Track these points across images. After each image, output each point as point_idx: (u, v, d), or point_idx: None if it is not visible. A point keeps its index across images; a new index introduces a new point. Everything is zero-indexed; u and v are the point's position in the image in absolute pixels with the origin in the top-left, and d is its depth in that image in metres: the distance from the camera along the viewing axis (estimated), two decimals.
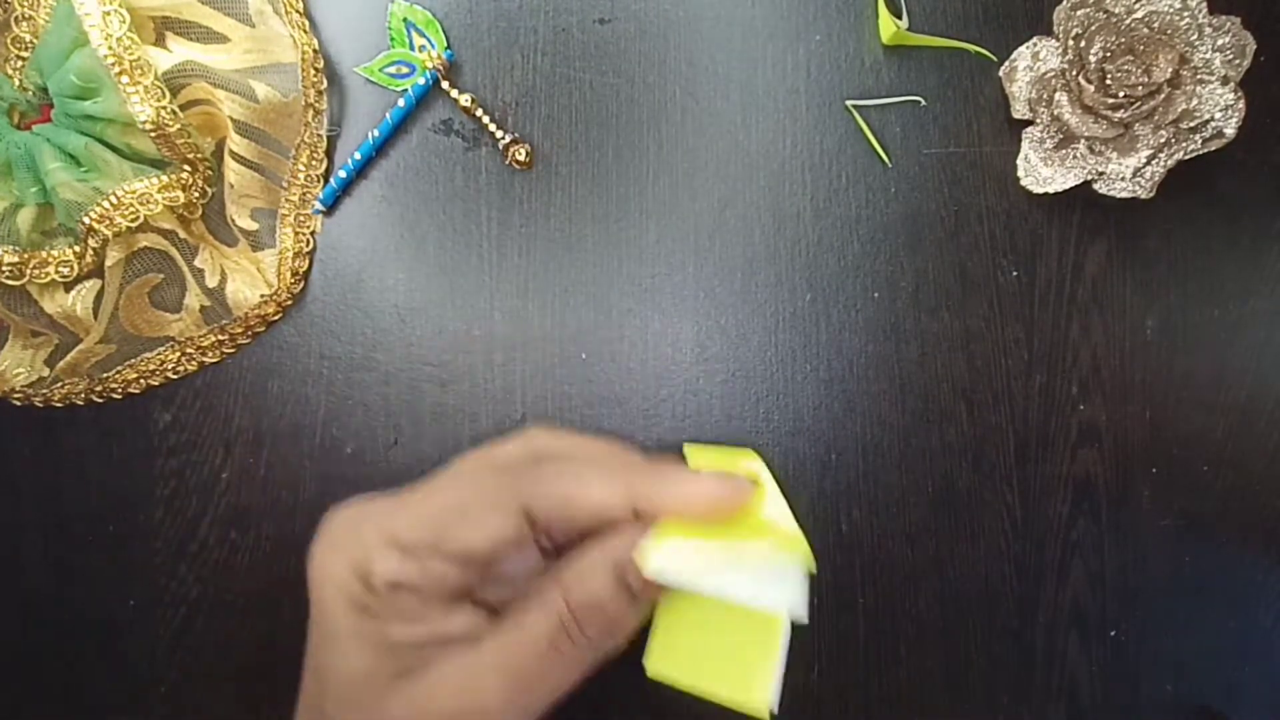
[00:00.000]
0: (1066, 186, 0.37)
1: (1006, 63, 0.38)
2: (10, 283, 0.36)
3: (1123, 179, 0.37)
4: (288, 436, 0.40)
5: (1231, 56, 0.36)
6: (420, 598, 0.26)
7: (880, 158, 0.39)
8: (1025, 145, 0.38)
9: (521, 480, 0.27)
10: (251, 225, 0.39)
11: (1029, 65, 0.38)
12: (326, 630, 0.27)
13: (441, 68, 0.39)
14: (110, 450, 0.40)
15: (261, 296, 0.39)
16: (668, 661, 0.27)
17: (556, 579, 0.27)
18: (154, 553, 0.40)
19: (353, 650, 0.26)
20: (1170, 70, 0.35)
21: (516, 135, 0.39)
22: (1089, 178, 0.37)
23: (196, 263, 0.39)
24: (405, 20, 0.39)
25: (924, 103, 0.39)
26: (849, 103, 0.39)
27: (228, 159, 0.37)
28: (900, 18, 0.38)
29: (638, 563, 0.25)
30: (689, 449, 0.29)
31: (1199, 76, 0.36)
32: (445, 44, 0.39)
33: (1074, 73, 0.36)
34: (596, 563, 0.27)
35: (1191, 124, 0.36)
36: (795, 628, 0.26)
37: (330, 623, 0.26)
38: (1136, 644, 0.39)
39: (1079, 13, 0.36)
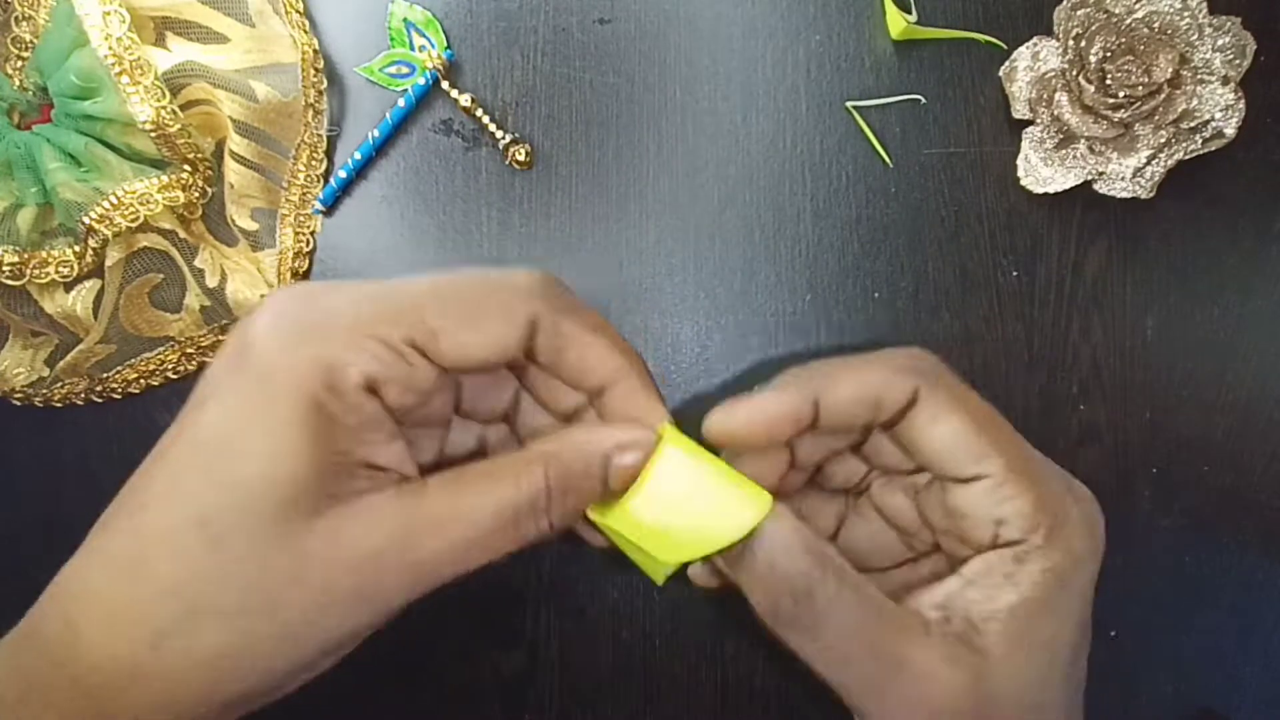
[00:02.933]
0: (1066, 186, 0.37)
1: (1006, 63, 0.38)
2: (10, 283, 0.36)
3: (1123, 179, 0.37)
4: None
5: (1231, 56, 0.36)
6: (381, 408, 0.23)
7: (881, 158, 0.39)
8: (1025, 145, 0.38)
9: (532, 301, 0.24)
10: (251, 225, 0.39)
11: (1029, 65, 0.38)
12: (259, 425, 0.22)
13: (441, 68, 0.39)
14: (110, 450, 0.40)
15: (261, 296, 0.39)
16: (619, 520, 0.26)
17: (540, 451, 0.25)
18: None
19: (288, 457, 0.21)
20: (1170, 70, 0.35)
21: (516, 135, 0.39)
22: (1089, 178, 0.37)
23: (196, 263, 0.39)
24: (405, 20, 0.39)
25: (924, 101, 0.39)
26: (849, 104, 0.39)
27: (228, 159, 0.37)
28: (909, 12, 0.38)
29: (662, 437, 0.26)
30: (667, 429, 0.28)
31: (1199, 76, 0.36)
32: (445, 44, 0.39)
33: (1074, 73, 0.36)
34: (589, 445, 0.25)
35: (1191, 124, 0.36)
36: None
37: (270, 417, 0.22)
38: (1136, 644, 0.39)
39: (1079, 13, 0.36)
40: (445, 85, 0.39)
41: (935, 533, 0.30)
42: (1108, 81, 0.36)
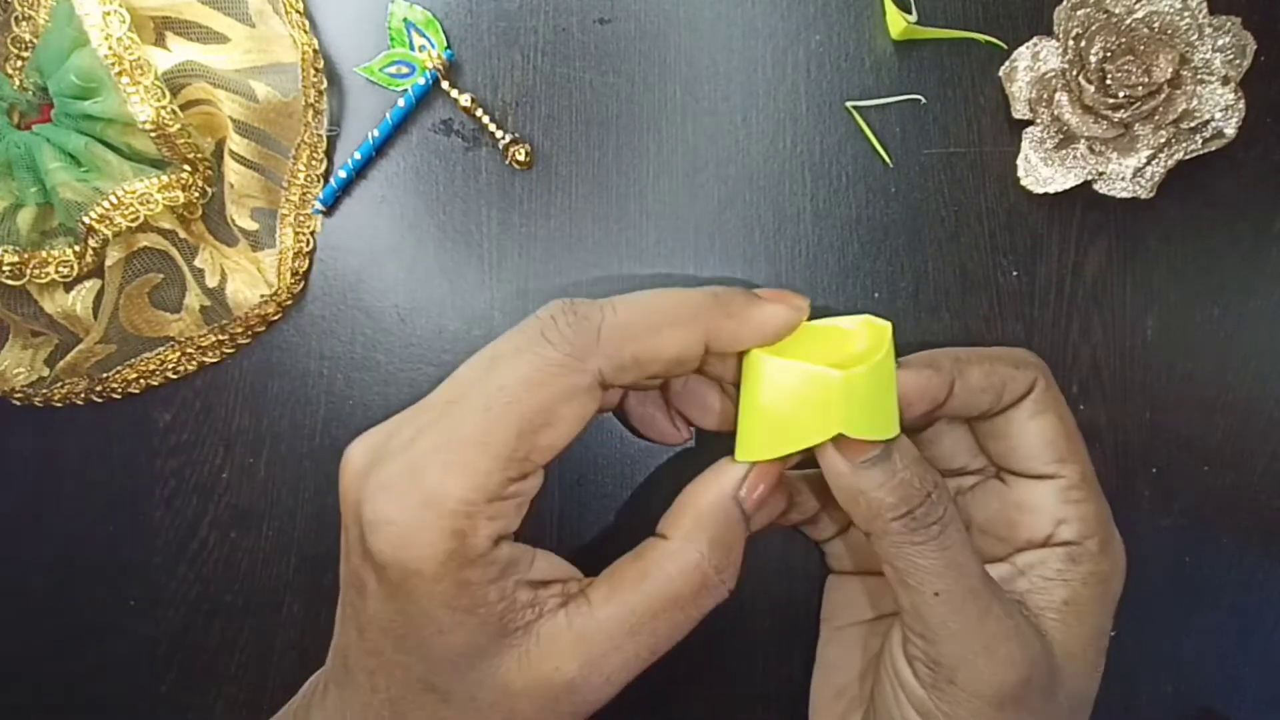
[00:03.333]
0: (1066, 186, 0.37)
1: (1007, 63, 0.38)
2: (10, 283, 0.36)
3: (1123, 179, 0.37)
4: (288, 436, 0.40)
5: (1231, 56, 0.36)
6: (512, 542, 0.25)
7: (881, 158, 0.39)
8: (1025, 145, 0.38)
9: (590, 355, 0.25)
10: (251, 225, 0.39)
11: (1029, 65, 0.38)
12: (417, 611, 0.24)
13: (441, 68, 0.39)
14: (110, 450, 0.40)
15: (261, 296, 0.39)
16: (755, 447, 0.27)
17: (674, 524, 0.26)
18: (154, 553, 0.40)
19: (456, 631, 0.23)
20: (1170, 70, 0.35)
21: (516, 135, 0.39)
22: (1089, 178, 0.37)
23: (196, 263, 0.39)
24: (405, 20, 0.39)
25: (924, 101, 0.39)
26: (849, 104, 0.39)
27: (228, 159, 0.37)
28: (909, 12, 0.38)
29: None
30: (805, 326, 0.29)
31: (1199, 76, 0.36)
32: (445, 44, 0.39)
33: (1074, 73, 0.36)
34: (715, 497, 0.26)
35: (1191, 124, 0.36)
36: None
37: (423, 604, 0.23)
38: (1136, 644, 0.39)
39: (1079, 13, 0.36)
40: (445, 85, 0.39)
41: (972, 529, 0.31)
42: (1108, 81, 0.36)
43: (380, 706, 0.25)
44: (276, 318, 0.40)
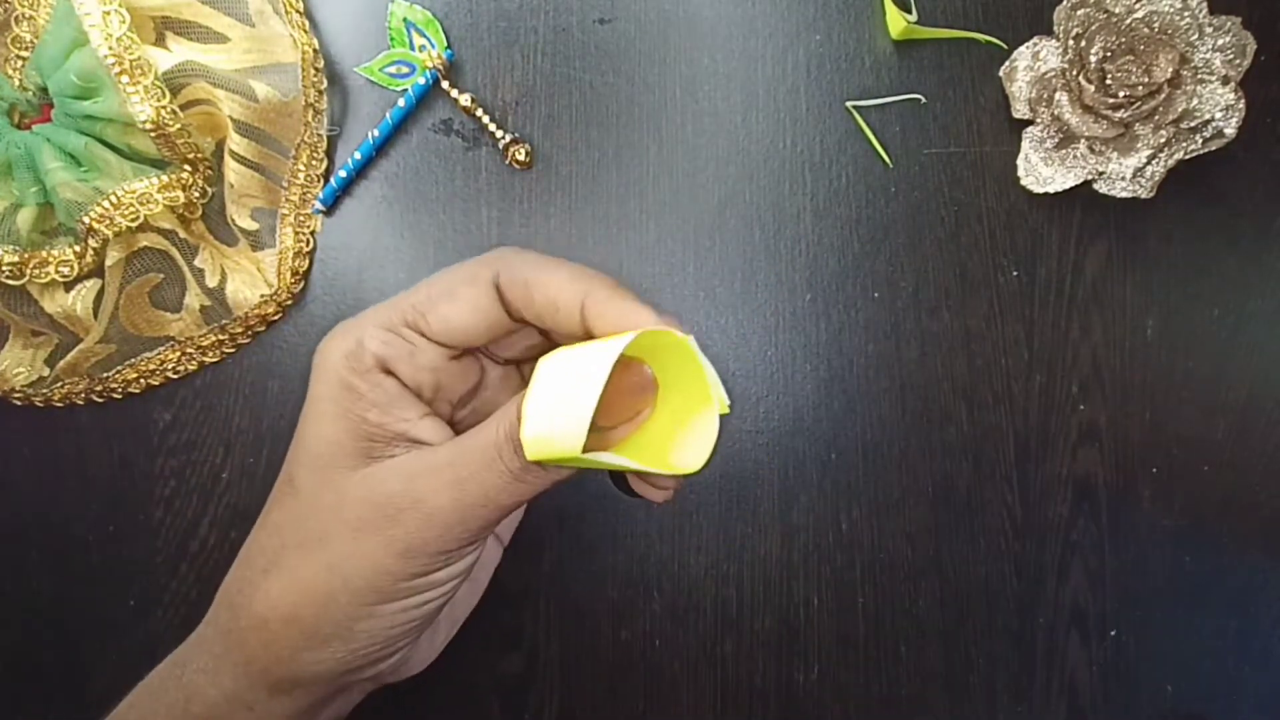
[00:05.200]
0: (1066, 186, 0.37)
1: (1007, 63, 0.38)
2: (10, 283, 0.36)
3: (1123, 179, 0.37)
4: (288, 436, 0.39)
5: (1231, 56, 0.36)
6: (400, 386, 0.28)
7: (881, 158, 0.39)
8: (1025, 145, 0.38)
9: (494, 263, 0.28)
10: (251, 225, 0.39)
11: (1029, 65, 0.38)
12: (312, 405, 0.28)
13: (441, 68, 0.39)
14: (110, 450, 0.40)
15: (261, 296, 0.39)
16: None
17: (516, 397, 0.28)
18: (154, 553, 0.40)
19: (328, 423, 0.28)
20: (1170, 70, 0.35)
21: (516, 135, 0.39)
22: (1089, 178, 0.37)
23: (196, 262, 0.39)
24: (405, 20, 0.39)
25: (925, 101, 0.39)
26: (849, 104, 0.39)
27: (228, 159, 0.37)
28: (909, 12, 0.38)
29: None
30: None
31: (1199, 76, 0.36)
32: (445, 44, 0.39)
33: (1074, 73, 0.36)
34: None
35: (1191, 124, 0.36)
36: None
37: (317, 399, 0.28)
38: (1136, 644, 0.39)
39: (1079, 13, 0.36)
40: (445, 85, 0.39)
41: None
42: (1108, 81, 0.36)
43: (263, 515, 0.30)
44: (276, 318, 0.40)
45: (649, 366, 0.27)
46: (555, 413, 0.24)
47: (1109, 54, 0.36)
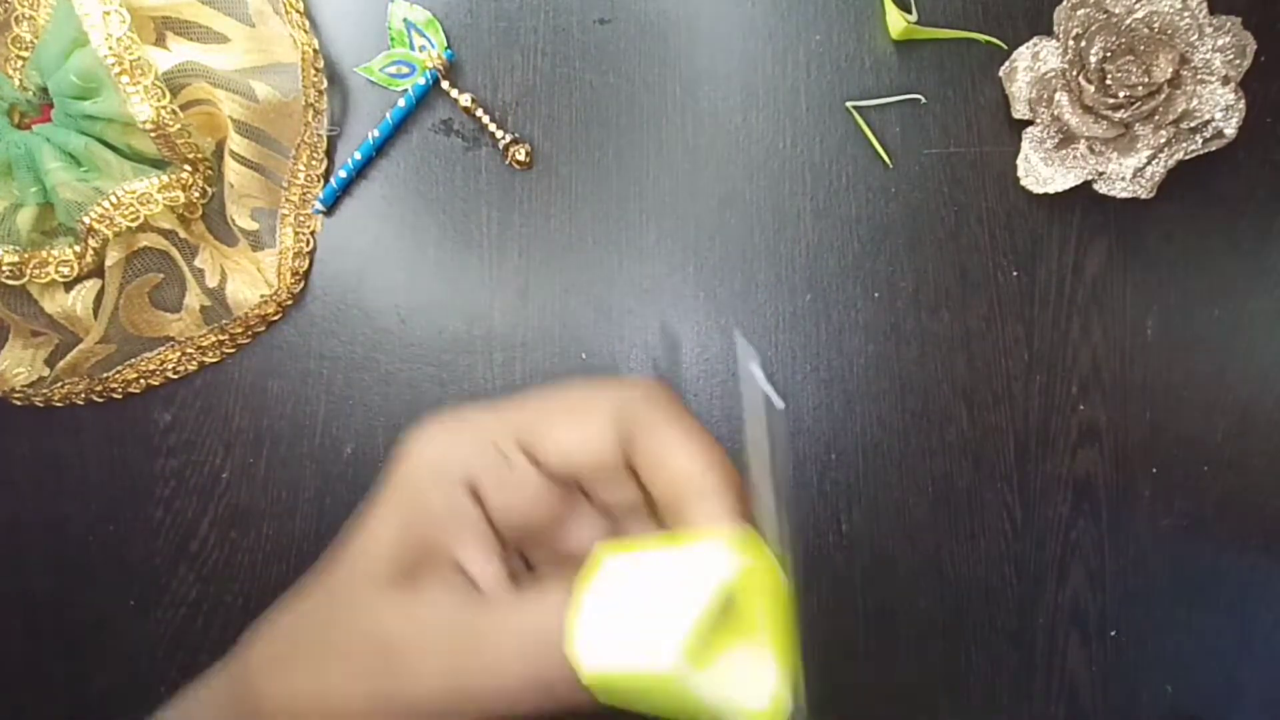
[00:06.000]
0: (1067, 186, 0.37)
1: (1007, 63, 0.38)
2: (10, 283, 0.36)
3: (1123, 179, 0.37)
4: (288, 436, 0.40)
5: (1231, 56, 0.36)
6: (481, 515, 0.25)
7: (881, 158, 0.39)
8: (1025, 145, 0.38)
9: (628, 408, 0.25)
10: (251, 225, 0.39)
11: (1029, 65, 0.38)
12: (381, 501, 0.25)
13: (441, 68, 0.39)
14: (110, 450, 0.40)
15: (261, 296, 0.39)
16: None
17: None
18: (154, 553, 0.40)
19: (383, 528, 0.25)
20: (1170, 70, 0.35)
21: (516, 135, 0.39)
22: (1089, 178, 0.37)
23: (196, 263, 0.39)
24: (405, 20, 0.39)
25: (924, 100, 0.39)
26: (849, 104, 0.39)
27: (228, 159, 0.37)
28: (909, 12, 0.38)
29: None
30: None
31: (1199, 76, 0.36)
32: (445, 44, 0.39)
33: (1074, 73, 0.36)
34: None
35: (1191, 124, 0.36)
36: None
37: (386, 499, 0.25)
38: (1136, 644, 0.39)
39: (1079, 13, 0.36)
40: (445, 85, 0.39)
41: None
42: (1108, 81, 0.36)
43: (303, 589, 0.27)
44: (276, 318, 0.40)
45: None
46: (632, 621, 0.20)
47: (1109, 54, 0.36)
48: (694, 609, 0.19)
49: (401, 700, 0.24)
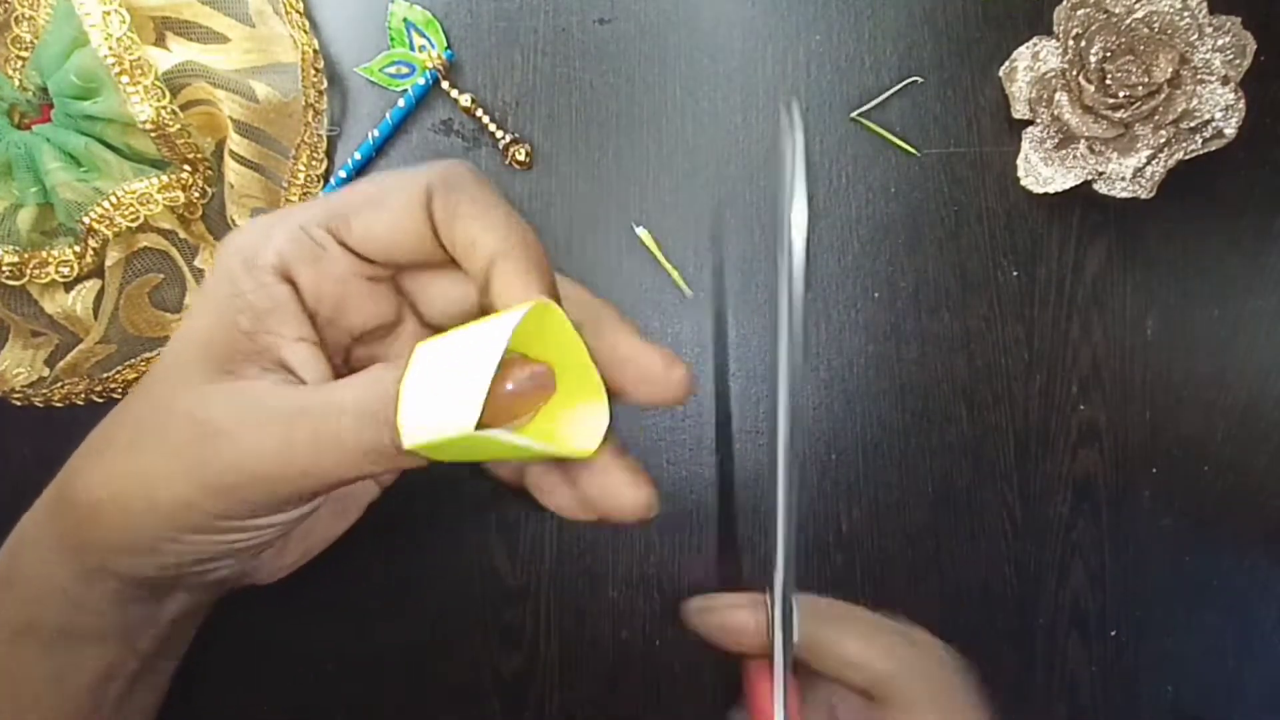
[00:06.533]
0: (1066, 186, 0.37)
1: (1007, 63, 0.38)
2: (10, 283, 0.36)
3: (1123, 179, 0.37)
4: None
5: (1231, 56, 0.36)
6: (292, 296, 0.25)
7: (906, 150, 0.39)
8: (1025, 145, 0.38)
9: (432, 179, 0.25)
10: None
11: (1029, 65, 0.38)
12: (197, 297, 0.26)
13: (441, 68, 0.39)
14: None
15: None
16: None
17: (395, 363, 0.25)
18: None
19: (200, 320, 0.25)
20: (1170, 70, 0.35)
21: (516, 135, 0.39)
22: (1089, 178, 0.37)
23: (197, 263, 0.39)
24: (405, 20, 0.39)
25: (921, 81, 0.39)
26: (854, 115, 0.39)
27: (228, 159, 0.37)
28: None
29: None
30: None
31: (1199, 76, 0.36)
32: (445, 44, 0.39)
33: (1074, 73, 0.36)
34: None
35: (1191, 124, 0.36)
36: None
37: (202, 292, 0.26)
38: (1136, 644, 0.39)
39: (1079, 13, 0.36)
40: (445, 85, 0.39)
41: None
42: (1108, 81, 0.36)
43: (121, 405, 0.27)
44: None
45: (546, 365, 0.24)
46: (440, 394, 0.22)
47: (1109, 54, 0.36)
48: (487, 367, 0.21)
49: (225, 479, 0.24)
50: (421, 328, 0.29)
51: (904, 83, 0.39)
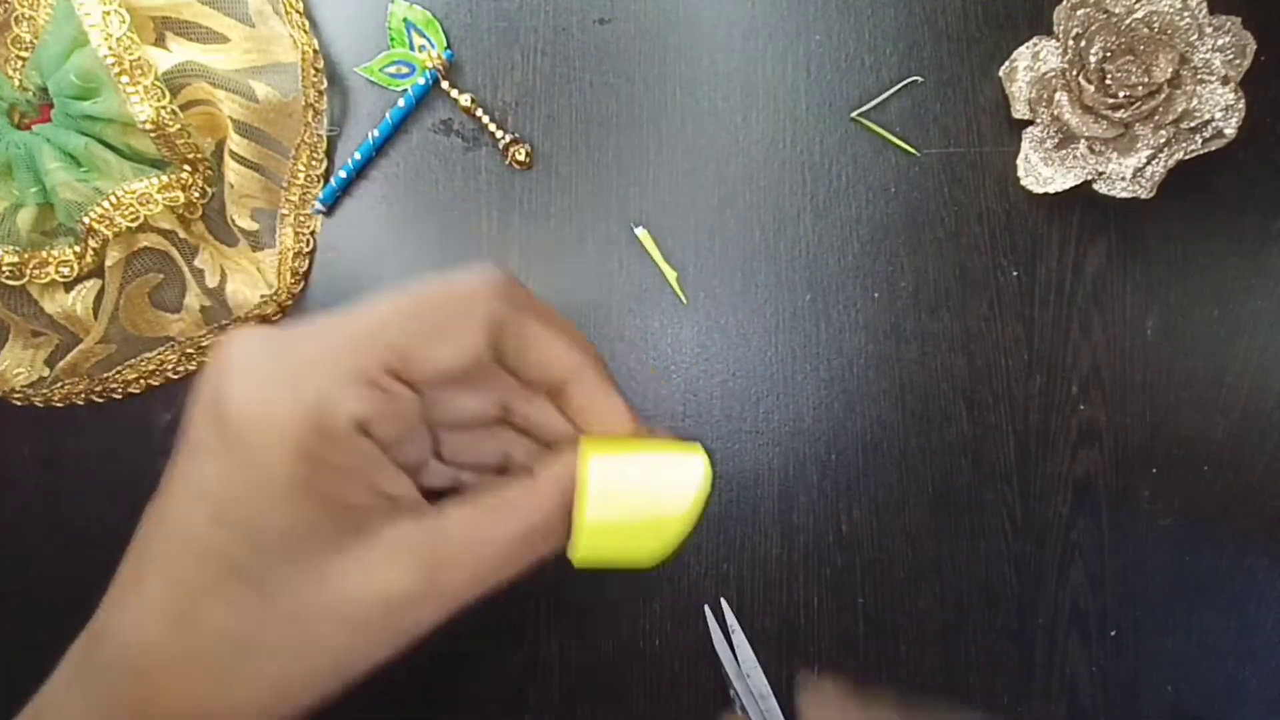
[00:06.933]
0: (1066, 186, 0.37)
1: (1007, 63, 0.38)
2: (10, 283, 0.36)
3: (1123, 179, 0.37)
4: None
5: (1231, 56, 0.36)
6: (380, 451, 0.24)
7: (906, 150, 0.39)
8: (1025, 145, 0.38)
9: (489, 303, 0.24)
10: (251, 225, 0.39)
11: (1029, 65, 0.38)
12: (257, 480, 0.22)
13: (441, 68, 0.39)
14: (110, 450, 0.40)
15: (261, 296, 0.39)
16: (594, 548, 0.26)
17: (552, 476, 0.25)
18: None
19: (296, 506, 0.22)
20: (1170, 70, 0.35)
21: (516, 135, 0.39)
22: (1089, 178, 0.37)
23: (196, 263, 0.39)
24: (405, 20, 0.39)
25: (921, 81, 0.39)
26: (854, 115, 0.39)
27: (228, 159, 0.37)
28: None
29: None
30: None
31: (1199, 76, 0.36)
32: (445, 44, 0.39)
33: (1074, 73, 0.36)
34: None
35: (1191, 124, 0.36)
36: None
37: (266, 472, 0.22)
38: (1136, 644, 0.39)
39: (1079, 13, 0.36)
40: (445, 85, 0.39)
41: None
42: (1108, 81, 0.36)
43: (171, 603, 0.23)
44: (277, 318, 0.40)
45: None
46: (626, 528, 0.25)
47: (1109, 54, 0.36)
48: (681, 516, 0.25)
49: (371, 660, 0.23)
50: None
51: (904, 83, 0.39)
